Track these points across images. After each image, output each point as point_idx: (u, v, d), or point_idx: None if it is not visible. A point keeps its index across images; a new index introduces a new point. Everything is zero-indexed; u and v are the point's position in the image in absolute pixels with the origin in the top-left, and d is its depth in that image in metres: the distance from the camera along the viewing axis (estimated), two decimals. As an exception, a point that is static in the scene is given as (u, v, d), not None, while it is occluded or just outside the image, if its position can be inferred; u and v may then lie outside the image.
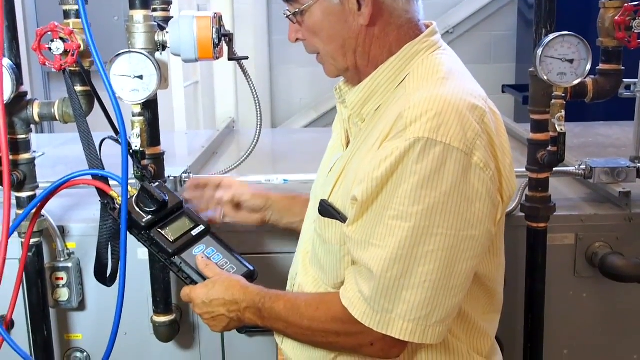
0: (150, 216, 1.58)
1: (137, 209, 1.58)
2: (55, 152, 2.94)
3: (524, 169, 2.01)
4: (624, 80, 2.03)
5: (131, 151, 1.69)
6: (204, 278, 1.54)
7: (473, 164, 1.27)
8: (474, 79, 1.43)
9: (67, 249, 2.02)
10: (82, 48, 1.66)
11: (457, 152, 1.25)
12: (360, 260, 1.34)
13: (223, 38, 1.77)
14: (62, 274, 2.00)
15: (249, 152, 2.24)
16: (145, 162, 1.80)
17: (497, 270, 1.47)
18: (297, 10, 1.42)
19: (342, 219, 1.40)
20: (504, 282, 1.53)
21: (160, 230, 1.58)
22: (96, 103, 1.76)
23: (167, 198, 1.60)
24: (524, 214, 2.01)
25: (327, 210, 1.45)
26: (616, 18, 1.85)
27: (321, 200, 1.47)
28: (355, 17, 1.39)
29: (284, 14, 1.47)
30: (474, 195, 1.28)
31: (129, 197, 1.59)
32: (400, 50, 1.41)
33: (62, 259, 2.00)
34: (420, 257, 1.27)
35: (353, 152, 1.44)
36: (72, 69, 1.73)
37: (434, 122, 1.25)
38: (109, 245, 1.70)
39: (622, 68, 1.95)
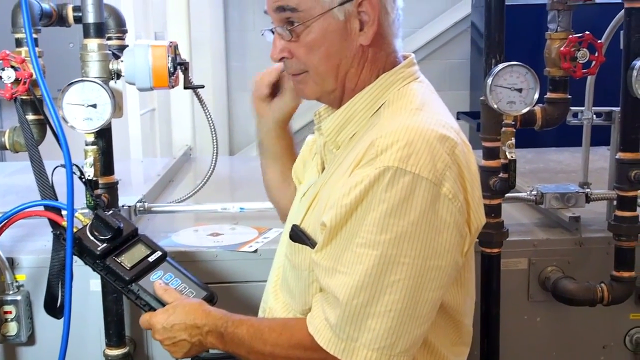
0: (105, 244, 1.56)
1: (92, 238, 1.56)
2: (5, 181, 2.90)
3: (477, 195, 2.04)
4: (571, 108, 2.08)
5: (84, 180, 1.67)
6: (163, 304, 1.52)
7: (442, 194, 1.27)
8: (448, 110, 1.44)
9: (17, 281, 1.97)
10: (34, 76, 1.65)
11: (425, 182, 1.25)
12: (327, 287, 1.34)
13: (179, 67, 1.77)
14: (11, 308, 1.95)
15: (205, 180, 2.23)
16: (98, 191, 1.79)
17: (464, 302, 1.46)
18: (297, 24, 1.37)
19: (312, 245, 1.40)
20: (472, 315, 1.54)
21: (115, 258, 1.56)
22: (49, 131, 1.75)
23: (122, 225, 1.58)
24: (477, 240, 2.03)
25: (297, 235, 1.44)
26: (562, 49, 1.90)
27: (292, 225, 1.46)
28: (355, 37, 1.38)
29: (274, 30, 1.41)
30: (442, 225, 1.28)
31: (82, 225, 1.58)
32: (378, 79, 1.41)
33: (10, 292, 1.96)
34: (387, 285, 1.27)
35: (326, 178, 1.44)
36: (24, 97, 1.72)
37: (404, 151, 1.26)
38: (60, 277, 1.68)
39: (569, 97, 2.00)
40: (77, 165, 1.62)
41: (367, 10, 1.36)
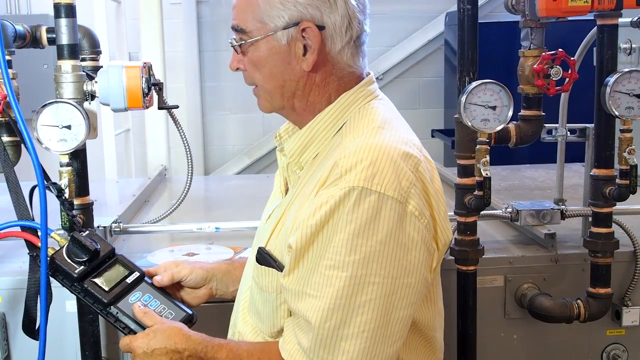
0: (82, 267, 1.54)
1: (69, 260, 1.54)
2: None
3: (452, 213, 2.04)
4: (545, 125, 2.10)
5: (62, 199, 1.66)
6: (143, 327, 1.51)
7: (408, 212, 1.28)
8: (409, 127, 1.45)
9: (-9, 303, 1.95)
10: (8, 98, 1.64)
11: (391, 201, 1.26)
12: (298, 311, 1.33)
13: (153, 87, 1.77)
14: (-15, 330, 1.93)
15: (180, 200, 2.23)
16: (73, 212, 1.77)
17: (434, 318, 1.47)
18: (243, 41, 1.42)
19: (279, 267, 1.40)
20: (443, 329, 1.54)
21: (93, 280, 1.54)
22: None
23: (99, 246, 1.56)
24: (453, 258, 2.04)
25: (264, 258, 1.44)
26: (535, 66, 1.92)
27: (259, 248, 1.46)
28: (299, 61, 1.40)
29: (229, 43, 1.47)
30: (410, 243, 1.29)
31: (59, 247, 1.56)
32: (338, 98, 1.43)
33: (-15, 315, 1.93)
34: (358, 306, 1.27)
35: (291, 199, 1.44)
36: (-1, 119, 1.70)
37: (368, 171, 1.26)
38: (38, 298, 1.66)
39: (543, 114, 2.02)
40: (55, 183, 1.60)
41: (310, 37, 1.38)
